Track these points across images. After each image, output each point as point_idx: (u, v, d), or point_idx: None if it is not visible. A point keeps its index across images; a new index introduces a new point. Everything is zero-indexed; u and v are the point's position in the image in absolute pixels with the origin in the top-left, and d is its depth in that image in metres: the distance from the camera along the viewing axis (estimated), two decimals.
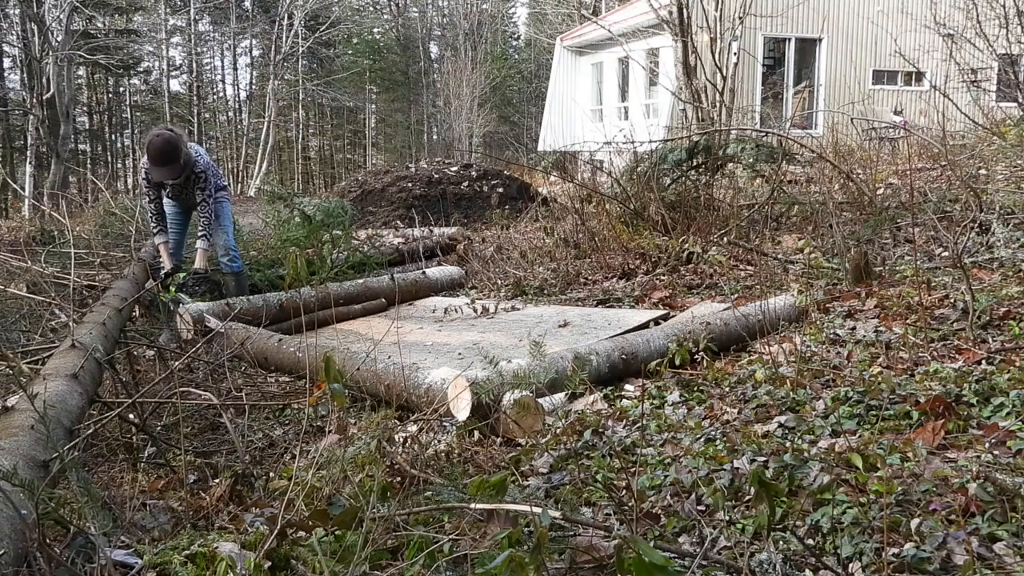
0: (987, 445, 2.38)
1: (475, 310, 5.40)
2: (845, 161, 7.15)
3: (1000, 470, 2.16)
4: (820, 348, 3.48)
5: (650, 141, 7.25)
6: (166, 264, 5.42)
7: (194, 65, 35.24)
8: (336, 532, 1.99)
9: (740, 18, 12.04)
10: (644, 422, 2.95)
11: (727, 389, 3.25)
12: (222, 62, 38.54)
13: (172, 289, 5.19)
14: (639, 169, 6.52)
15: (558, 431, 2.94)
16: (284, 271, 5.56)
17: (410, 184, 10.63)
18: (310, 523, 2.01)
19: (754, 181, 6.99)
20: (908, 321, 3.63)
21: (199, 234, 5.39)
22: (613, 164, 7.66)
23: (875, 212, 5.66)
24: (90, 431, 2.74)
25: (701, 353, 3.58)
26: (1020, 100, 9.28)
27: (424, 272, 6.41)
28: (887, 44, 12.73)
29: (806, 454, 2.41)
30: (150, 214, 5.47)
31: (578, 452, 2.75)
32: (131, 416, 3.12)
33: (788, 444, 2.53)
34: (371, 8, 40.67)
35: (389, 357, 3.64)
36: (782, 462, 2.33)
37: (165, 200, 5.49)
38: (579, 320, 4.72)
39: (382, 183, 10.79)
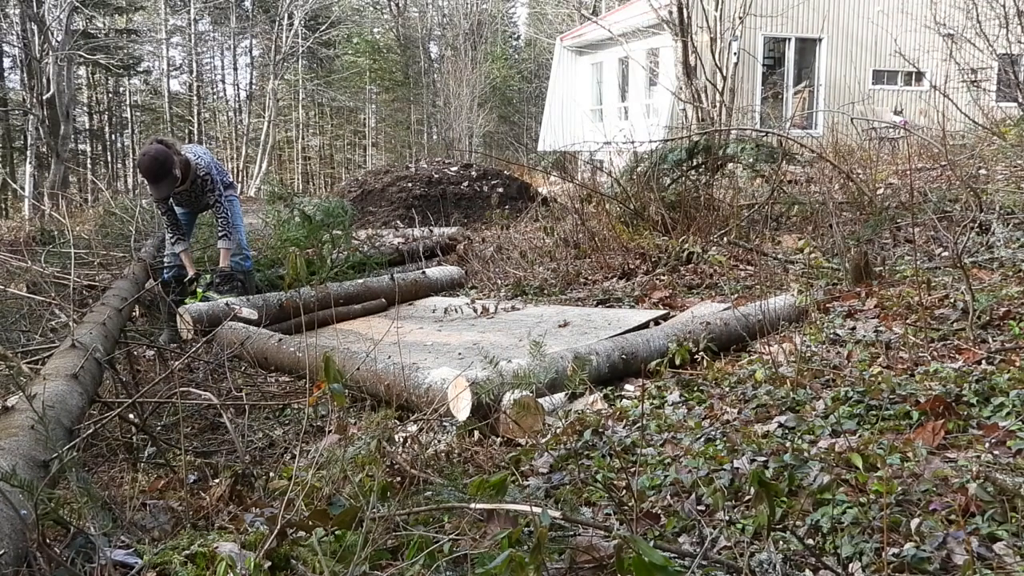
0: (987, 445, 2.38)
1: (475, 310, 5.40)
2: (845, 161, 7.15)
3: (1000, 470, 2.16)
4: (820, 348, 3.48)
5: (650, 141, 7.24)
6: (189, 272, 5.47)
7: (194, 65, 35.22)
8: (336, 532, 1.99)
9: (740, 18, 12.05)
10: (644, 422, 2.95)
11: (727, 389, 3.24)
12: (222, 62, 38.56)
13: (200, 292, 5.24)
14: (639, 169, 6.52)
15: (558, 431, 2.94)
16: (284, 271, 5.57)
17: (410, 184, 10.63)
18: (310, 523, 2.01)
19: (754, 181, 6.99)
20: (908, 321, 3.63)
21: (219, 235, 5.43)
22: (613, 164, 7.66)
23: (875, 212, 5.66)
24: (90, 431, 2.74)
25: (701, 353, 3.58)
26: (1020, 100, 9.28)
27: (424, 272, 6.40)
28: (887, 44, 12.73)
29: (806, 454, 2.41)
30: (166, 225, 5.50)
31: (578, 452, 2.75)
32: (131, 416, 3.12)
33: (788, 444, 2.53)
34: (371, 8, 40.65)
35: (389, 357, 3.64)
36: (782, 462, 2.33)
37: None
38: (579, 320, 4.72)
39: (382, 183, 10.79)
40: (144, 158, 5.13)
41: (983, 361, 3.03)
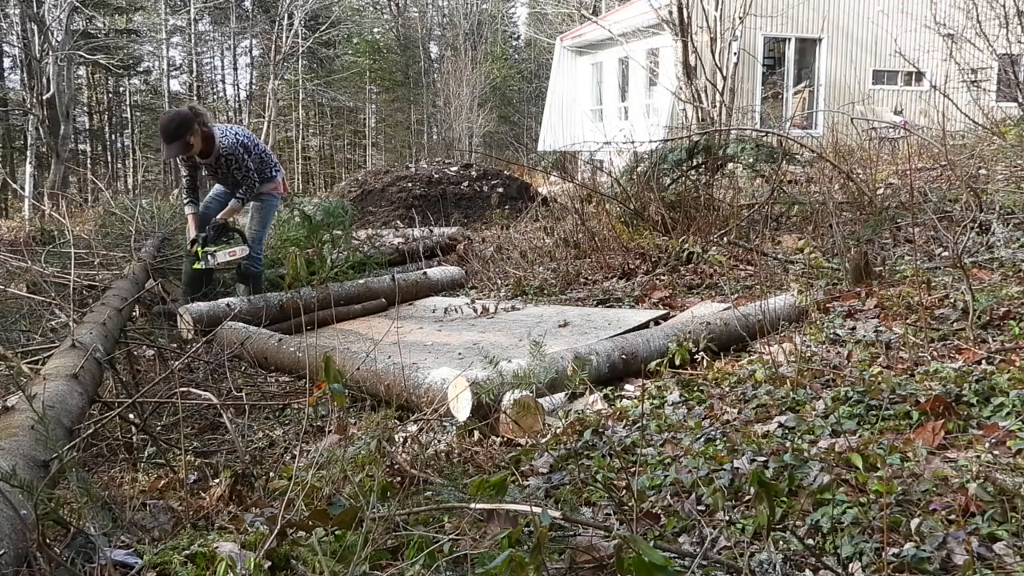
0: (987, 445, 2.39)
1: (475, 310, 5.40)
2: (845, 161, 7.14)
3: (1000, 470, 2.17)
4: (820, 348, 3.48)
5: (650, 141, 7.24)
6: (191, 232, 5.44)
7: (194, 65, 35.22)
8: (336, 532, 1.99)
9: (740, 18, 12.04)
10: (644, 422, 2.95)
11: (727, 389, 3.24)
12: (222, 62, 38.55)
13: (200, 252, 5.24)
14: (639, 169, 6.52)
15: (558, 431, 2.94)
16: (284, 271, 5.57)
17: (410, 184, 10.64)
18: (310, 523, 2.01)
19: (754, 181, 6.99)
20: (908, 321, 3.63)
21: (236, 196, 5.38)
22: (613, 164, 7.66)
23: (875, 212, 5.66)
24: (90, 431, 2.74)
25: (701, 353, 3.58)
26: (1020, 100, 9.29)
27: (425, 272, 6.40)
28: (887, 44, 12.74)
29: (806, 454, 2.41)
30: (183, 186, 5.59)
31: (578, 452, 2.75)
32: (131, 416, 3.12)
33: (788, 444, 2.53)
34: (371, 8, 40.64)
35: (389, 357, 3.64)
36: (782, 462, 2.33)
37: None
38: (579, 320, 4.72)
39: (382, 183, 10.80)
40: (164, 116, 5.28)
41: (983, 361, 3.03)
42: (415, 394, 3.32)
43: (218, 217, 5.35)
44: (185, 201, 5.54)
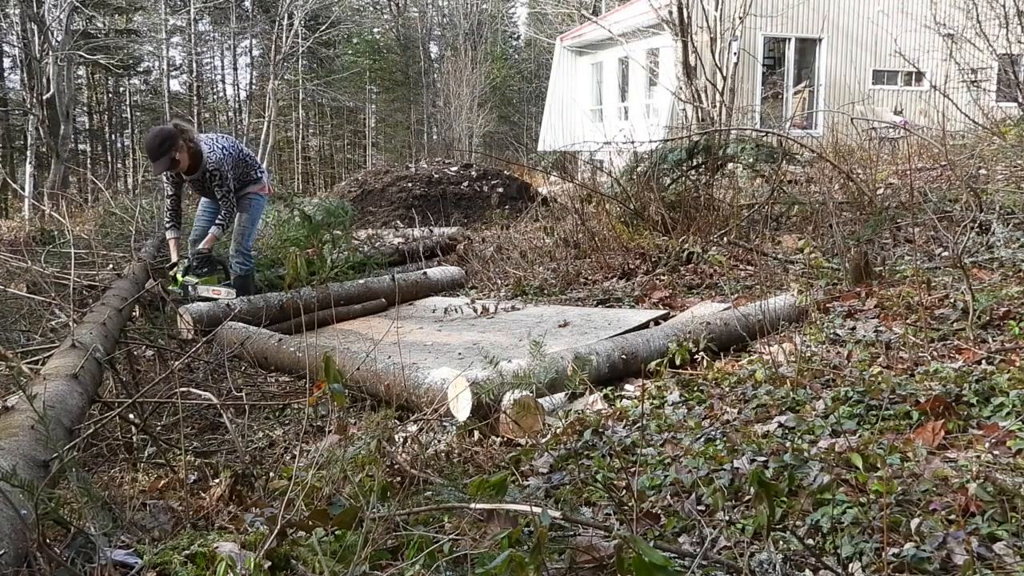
0: (987, 445, 2.39)
1: (475, 310, 5.40)
2: (845, 161, 7.14)
3: (1000, 470, 2.17)
4: (820, 348, 3.48)
5: (650, 141, 7.24)
6: (172, 257, 5.50)
7: (194, 65, 35.21)
8: (336, 532, 1.99)
9: (740, 18, 12.04)
10: (644, 422, 2.95)
11: (727, 389, 3.24)
12: (222, 62, 38.55)
13: (179, 277, 5.25)
14: (639, 169, 6.52)
15: (558, 431, 2.94)
16: (284, 271, 5.57)
17: (410, 184, 10.64)
18: (310, 523, 2.01)
19: (754, 181, 6.99)
20: (908, 321, 3.63)
21: (216, 222, 5.45)
22: (613, 164, 7.66)
23: (875, 212, 5.66)
24: (90, 431, 2.74)
25: (701, 353, 3.58)
26: (1020, 100, 9.29)
27: (425, 272, 6.41)
28: (887, 44, 12.74)
29: (806, 454, 2.41)
30: (166, 208, 5.60)
31: (578, 452, 2.75)
32: (131, 416, 3.12)
33: (788, 444, 2.53)
34: (371, 8, 40.64)
35: (389, 357, 3.64)
36: (782, 462, 2.33)
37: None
38: (579, 320, 4.72)
39: (382, 183, 10.80)
40: (149, 134, 5.41)
41: (983, 361, 3.03)
42: (415, 394, 3.32)
43: (201, 246, 5.41)
44: (167, 225, 5.57)
